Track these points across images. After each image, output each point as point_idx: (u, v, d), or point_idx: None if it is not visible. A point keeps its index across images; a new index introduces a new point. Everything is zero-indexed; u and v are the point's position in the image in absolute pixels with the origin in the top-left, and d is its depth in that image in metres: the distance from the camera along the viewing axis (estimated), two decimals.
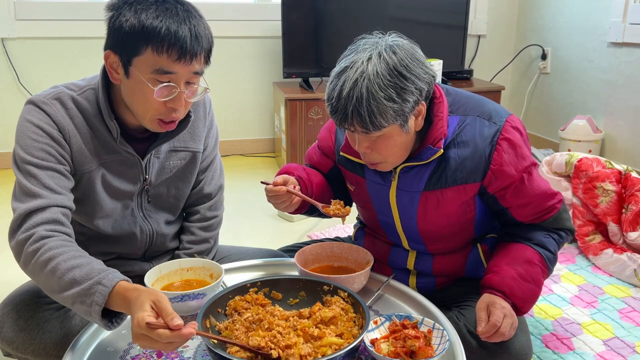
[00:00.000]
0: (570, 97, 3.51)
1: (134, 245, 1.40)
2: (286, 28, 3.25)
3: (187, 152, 1.40)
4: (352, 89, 1.15)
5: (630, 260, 2.04)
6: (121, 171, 1.31)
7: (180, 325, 0.93)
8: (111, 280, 1.03)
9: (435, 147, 1.26)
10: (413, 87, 1.17)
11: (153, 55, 1.13)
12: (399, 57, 1.17)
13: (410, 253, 1.46)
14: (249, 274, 1.42)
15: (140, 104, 1.20)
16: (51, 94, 1.24)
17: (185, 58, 1.14)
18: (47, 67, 3.23)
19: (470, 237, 1.43)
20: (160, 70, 1.14)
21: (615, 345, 1.66)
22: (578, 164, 2.27)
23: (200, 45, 1.16)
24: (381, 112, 1.15)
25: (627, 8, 3.03)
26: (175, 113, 1.21)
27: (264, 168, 3.52)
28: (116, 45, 1.16)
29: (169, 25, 1.12)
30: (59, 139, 1.21)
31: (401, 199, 1.35)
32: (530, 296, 1.31)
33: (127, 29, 1.13)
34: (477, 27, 3.89)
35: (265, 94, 3.72)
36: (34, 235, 1.10)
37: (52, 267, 1.06)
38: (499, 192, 1.31)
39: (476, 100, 1.34)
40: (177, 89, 1.17)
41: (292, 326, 1.09)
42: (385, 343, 1.11)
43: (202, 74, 1.22)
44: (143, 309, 0.94)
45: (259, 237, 2.45)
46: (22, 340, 1.21)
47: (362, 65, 1.16)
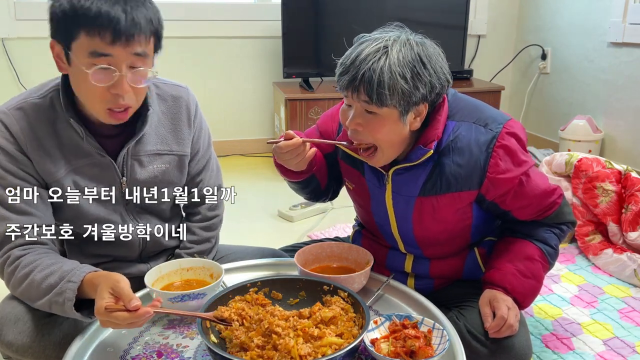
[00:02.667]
0: (570, 97, 3.51)
1: (128, 248, 1.39)
2: (286, 28, 3.25)
3: (172, 156, 1.37)
4: (371, 56, 1.16)
5: (630, 260, 2.04)
6: (94, 175, 1.29)
7: (137, 306, 1.02)
8: (78, 276, 1.12)
9: (425, 147, 1.24)
10: (428, 79, 1.18)
11: (87, 38, 1.10)
12: (424, 48, 1.19)
13: (408, 256, 1.46)
14: (249, 274, 1.42)
15: (83, 92, 1.17)
16: (15, 103, 1.23)
17: (121, 39, 1.10)
18: (47, 67, 3.19)
19: (467, 243, 1.43)
20: (94, 53, 1.11)
21: (615, 345, 1.65)
22: (578, 164, 2.27)
23: (137, 26, 1.11)
24: (390, 87, 1.15)
25: (627, 8, 3.03)
26: (123, 100, 1.16)
27: (264, 168, 3.52)
28: (56, 33, 1.15)
29: (99, 6, 1.08)
30: (16, 153, 1.21)
31: (397, 204, 1.35)
32: (530, 291, 1.33)
33: (60, 14, 1.11)
34: (477, 27, 3.89)
35: (265, 94, 3.71)
36: (10, 257, 1.18)
37: (30, 281, 1.15)
38: (499, 199, 1.30)
39: (474, 106, 1.32)
40: (117, 73, 1.13)
41: (292, 326, 1.09)
42: (385, 343, 1.11)
43: (147, 57, 1.17)
44: (101, 297, 1.03)
45: (259, 237, 2.45)
46: (21, 343, 1.20)
47: (387, 41, 1.17)
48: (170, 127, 1.37)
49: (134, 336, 1.18)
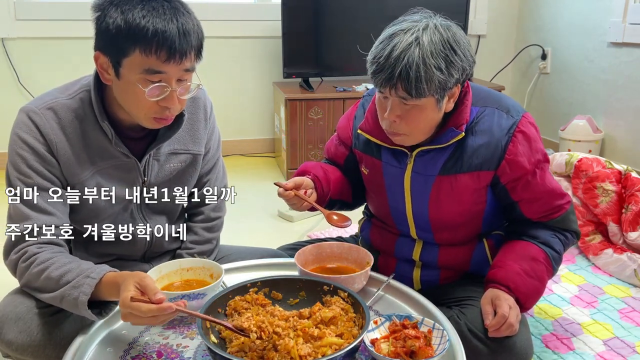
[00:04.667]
0: (570, 97, 3.51)
1: (133, 247, 1.40)
2: (286, 28, 3.25)
3: (187, 155, 1.40)
4: (405, 51, 1.17)
5: (630, 260, 2.04)
6: (118, 176, 1.31)
7: (162, 299, 1.01)
8: (99, 273, 1.12)
9: (457, 129, 1.29)
10: (460, 64, 1.21)
11: (142, 56, 1.12)
12: (452, 32, 1.21)
13: (417, 243, 1.47)
14: (249, 274, 1.42)
15: (133, 104, 1.19)
16: (45, 102, 1.24)
17: (175, 58, 1.13)
18: (47, 67, 3.22)
19: (477, 231, 1.45)
20: (150, 70, 1.13)
21: (615, 345, 1.66)
22: (578, 164, 2.27)
23: (189, 43, 1.15)
24: (427, 80, 1.17)
25: (627, 8, 3.03)
26: (169, 111, 1.21)
27: (264, 168, 3.52)
28: (105, 47, 1.15)
29: (156, 25, 1.10)
30: (44, 154, 1.22)
31: (415, 183, 1.37)
32: (533, 292, 1.33)
33: (114, 31, 1.11)
34: (477, 27, 3.90)
35: (265, 94, 3.72)
36: (26, 254, 1.19)
37: (46, 276, 1.15)
38: (511, 184, 1.33)
39: (495, 95, 1.39)
40: (168, 88, 1.16)
41: (292, 326, 1.09)
42: (385, 343, 1.11)
43: (194, 71, 1.21)
44: (128, 289, 1.03)
45: (259, 237, 2.45)
46: (21, 342, 1.20)
47: (418, 31, 1.19)
48: (188, 127, 1.39)
49: (134, 336, 1.18)
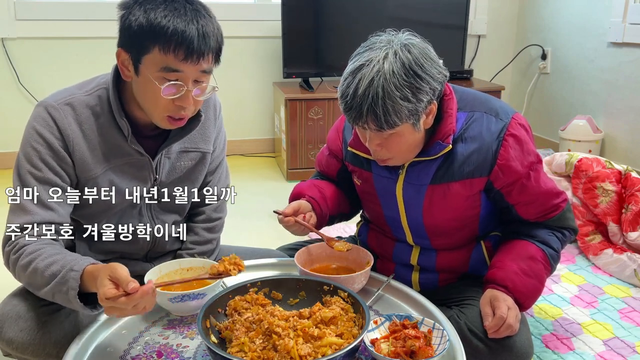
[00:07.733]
0: (570, 97, 3.51)
1: (137, 245, 1.40)
2: (286, 28, 3.25)
3: (197, 153, 1.41)
4: (368, 88, 1.15)
5: (630, 260, 2.04)
6: (130, 173, 1.32)
7: (135, 288, 1.01)
8: (81, 265, 1.11)
9: (444, 142, 1.28)
10: (428, 87, 1.18)
11: (160, 54, 1.15)
12: (414, 56, 1.17)
13: (414, 248, 1.46)
14: (249, 274, 1.41)
15: (149, 101, 1.21)
16: (64, 98, 1.25)
17: (192, 58, 1.15)
18: (47, 67, 3.21)
19: (474, 234, 1.44)
20: (167, 68, 1.16)
21: (615, 345, 1.66)
22: (578, 164, 2.27)
23: (208, 45, 1.17)
24: (396, 112, 1.16)
25: (627, 8, 3.03)
26: (184, 111, 1.22)
27: (264, 168, 3.52)
28: (126, 44, 1.18)
29: (176, 24, 1.13)
30: (59, 150, 1.22)
31: (407, 192, 1.36)
32: (532, 292, 1.33)
33: (136, 28, 1.14)
34: (477, 27, 3.89)
35: (265, 94, 3.71)
36: (17, 245, 1.19)
37: (33, 268, 1.15)
38: (506, 189, 1.32)
39: (483, 98, 1.37)
40: (184, 87, 1.18)
41: (292, 326, 1.09)
42: (385, 343, 1.11)
43: (211, 73, 1.24)
44: (103, 285, 1.03)
45: (259, 237, 2.45)
46: (21, 341, 1.21)
47: (378, 63, 1.16)
48: (199, 126, 1.39)
49: (134, 336, 1.18)
